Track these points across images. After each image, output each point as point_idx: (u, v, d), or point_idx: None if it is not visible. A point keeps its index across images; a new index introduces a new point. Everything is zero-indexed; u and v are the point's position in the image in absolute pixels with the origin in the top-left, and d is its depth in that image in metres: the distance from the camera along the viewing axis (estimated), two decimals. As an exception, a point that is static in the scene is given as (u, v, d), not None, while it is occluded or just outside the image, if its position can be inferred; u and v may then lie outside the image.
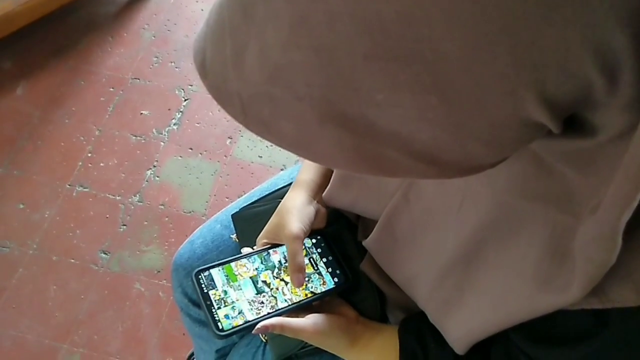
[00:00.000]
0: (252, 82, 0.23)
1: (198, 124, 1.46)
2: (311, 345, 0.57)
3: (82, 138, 1.43)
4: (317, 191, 0.60)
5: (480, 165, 0.25)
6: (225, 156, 1.42)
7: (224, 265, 0.53)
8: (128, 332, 1.19)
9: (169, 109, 1.48)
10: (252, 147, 1.44)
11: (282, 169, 1.41)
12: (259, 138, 1.48)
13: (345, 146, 0.23)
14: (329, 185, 0.57)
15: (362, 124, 0.22)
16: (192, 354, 1.11)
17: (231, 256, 0.56)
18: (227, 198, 1.36)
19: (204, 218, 1.32)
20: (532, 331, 0.37)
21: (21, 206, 1.33)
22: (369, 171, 0.25)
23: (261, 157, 1.42)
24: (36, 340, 1.17)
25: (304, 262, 0.54)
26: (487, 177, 0.36)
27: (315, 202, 0.60)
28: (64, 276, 1.25)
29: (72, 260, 1.26)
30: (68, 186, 1.36)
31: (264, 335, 0.62)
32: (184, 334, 1.18)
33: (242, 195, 0.77)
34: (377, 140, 0.23)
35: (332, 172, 0.58)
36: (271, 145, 1.44)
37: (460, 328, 0.43)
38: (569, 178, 0.30)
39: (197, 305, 0.74)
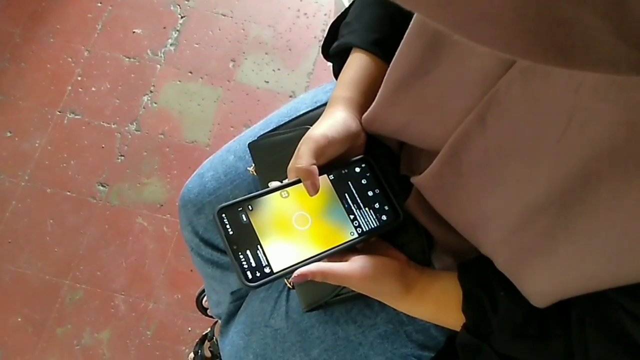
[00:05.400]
0: None
1: (197, 44, 1.33)
2: (346, 292, 0.50)
3: (69, 59, 1.30)
4: (359, 110, 0.50)
5: None
6: (229, 81, 1.29)
7: (251, 202, 0.44)
8: (132, 268, 1.13)
9: (164, 28, 1.34)
10: (257, 71, 1.31)
11: (290, 96, 1.30)
12: (265, 61, 1.37)
13: None
14: (374, 104, 0.47)
15: None
16: (203, 291, 1.06)
17: (248, 191, 0.47)
18: (232, 127, 1.25)
19: (207, 149, 1.23)
20: None
21: (9, 134, 1.23)
22: (540, 52, 0.15)
23: (268, 82, 1.30)
24: (36, 276, 1.12)
25: (309, 165, 0.44)
26: (614, 90, 0.27)
27: (358, 121, 0.50)
28: (61, 209, 1.17)
29: (68, 193, 1.18)
30: (58, 113, 1.25)
31: (289, 282, 0.55)
32: (191, 270, 1.13)
33: (248, 124, 0.67)
34: None
35: (374, 91, 0.47)
36: (278, 69, 1.31)
37: (547, 281, 0.36)
38: None
39: (209, 244, 0.67)
